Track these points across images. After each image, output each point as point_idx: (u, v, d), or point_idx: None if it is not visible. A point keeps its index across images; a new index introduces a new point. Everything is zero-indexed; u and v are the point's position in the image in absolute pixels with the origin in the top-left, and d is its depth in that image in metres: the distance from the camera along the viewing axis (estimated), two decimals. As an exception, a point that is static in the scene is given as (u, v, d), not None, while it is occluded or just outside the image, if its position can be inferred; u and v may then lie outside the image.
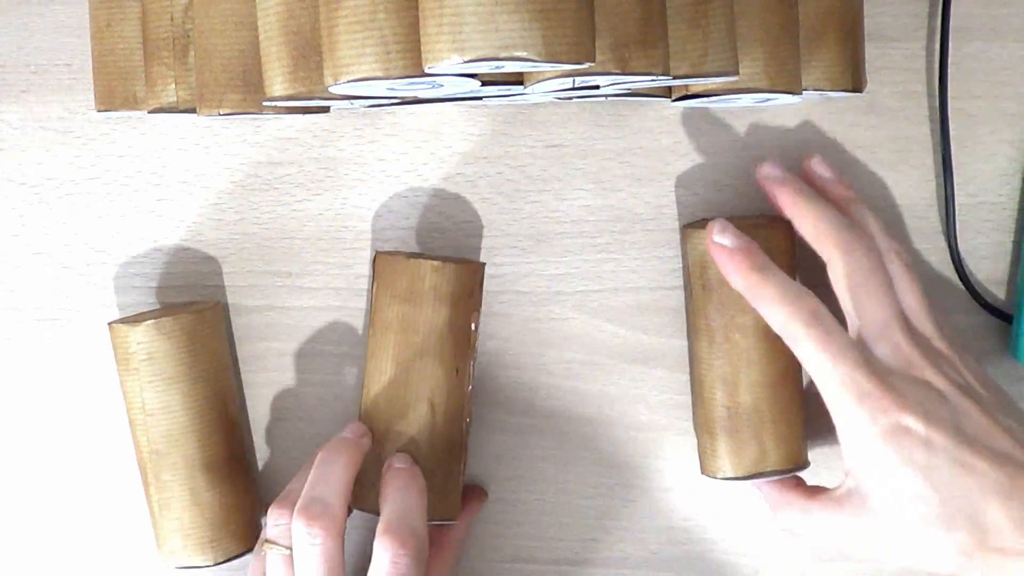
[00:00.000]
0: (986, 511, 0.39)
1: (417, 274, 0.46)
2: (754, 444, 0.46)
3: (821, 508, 0.43)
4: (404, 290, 0.46)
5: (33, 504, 0.52)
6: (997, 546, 0.39)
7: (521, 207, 0.50)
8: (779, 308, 0.42)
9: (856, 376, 0.40)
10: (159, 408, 0.46)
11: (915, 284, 0.44)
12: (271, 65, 0.41)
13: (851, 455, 0.41)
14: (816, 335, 0.41)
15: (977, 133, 0.50)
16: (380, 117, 0.50)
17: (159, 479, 0.47)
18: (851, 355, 0.40)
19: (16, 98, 0.51)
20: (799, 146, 0.50)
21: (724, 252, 0.44)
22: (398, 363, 0.46)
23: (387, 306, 0.46)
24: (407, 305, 0.46)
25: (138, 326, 0.46)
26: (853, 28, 0.46)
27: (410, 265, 0.46)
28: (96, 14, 0.47)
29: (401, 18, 0.36)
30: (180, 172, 0.51)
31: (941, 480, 0.39)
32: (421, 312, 0.46)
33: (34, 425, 0.52)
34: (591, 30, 0.35)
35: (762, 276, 0.42)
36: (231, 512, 0.48)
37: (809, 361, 0.41)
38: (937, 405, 0.40)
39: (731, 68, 0.41)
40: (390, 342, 0.46)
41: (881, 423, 0.40)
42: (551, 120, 0.50)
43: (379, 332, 0.47)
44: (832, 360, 0.40)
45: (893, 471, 0.40)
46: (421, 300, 0.46)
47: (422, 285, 0.46)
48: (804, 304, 0.41)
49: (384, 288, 0.47)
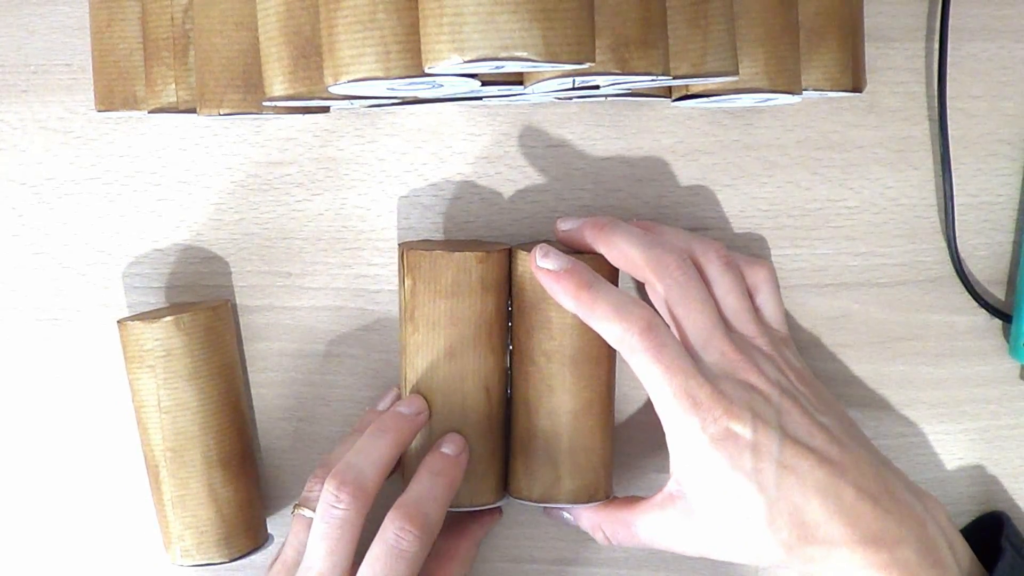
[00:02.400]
0: (807, 509, 0.40)
1: (463, 267, 0.45)
2: (548, 470, 0.46)
3: (643, 514, 0.44)
4: (450, 284, 0.45)
5: (32, 504, 0.52)
6: (815, 537, 0.40)
7: (521, 207, 0.50)
8: (613, 323, 0.42)
9: (688, 385, 0.41)
10: (175, 405, 0.46)
11: (735, 282, 0.45)
12: (271, 65, 0.41)
13: (679, 462, 0.42)
14: (650, 347, 0.41)
15: (977, 133, 0.50)
16: (380, 117, 0.50)
17: (174, 476, 0.47)
18: (683, 365, 0.41)
19: (16, 98, 0.51)
20: (799, 146, 0.50)
21: (551, 275, 0.43)
22: (452, 356, 0.45)
23: (431, 302, 0.45)
24: (454, 299, 0.45)
25: (155, 323, 0.46)
26: (853, 28, 0.46)
27: (454, 259, 0.45)
28: (96, 14, 0.47)
29: (401, 18, 0.36)
30: (180, 172, 0.51)
31: (767, 483, 0.40)
32: (470, 304, 0.45)
33: (34, 425, 0.52)
34: (591, 30, 0.35)
35: (593, 293, 0.42)
36: (245, 508, 0.48)
37: (644, 373, 0.42)
38: (763, 408, 0.41)
39: (731, 68, 0.41)
40: (440, 336, 0.45)
41: (710, 430, 0.41)
42: (551, 120, 0.50)
43: (425, 328, 0.45)
44: (666, 371, 0.41)
45: (721, 476, 0.41)
46: (469, 292, 0.45)
47: (468, 278, 0.45)
48: (637, 317, 0.41)
49: (425, 284, 0.45)
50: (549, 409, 0.45)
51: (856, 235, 0.50)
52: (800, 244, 0.50)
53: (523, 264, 0.46)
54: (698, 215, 0.50)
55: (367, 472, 0.43)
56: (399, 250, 0.46)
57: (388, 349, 0.51)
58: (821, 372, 0.51)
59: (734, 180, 0.50)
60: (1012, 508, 0.52)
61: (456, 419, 0.46)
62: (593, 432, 0.46)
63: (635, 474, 0.51)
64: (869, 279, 0.51)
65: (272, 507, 0.52)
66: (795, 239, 0.50)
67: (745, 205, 0.50)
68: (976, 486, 0.52)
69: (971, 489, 0.52)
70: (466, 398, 0.46)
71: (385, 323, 0.51)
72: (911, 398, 0.51)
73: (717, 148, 0.50)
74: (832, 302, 0.51)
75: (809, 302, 0.51)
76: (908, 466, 0.52)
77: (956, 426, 0.52)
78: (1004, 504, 0.52)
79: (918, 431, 0.52)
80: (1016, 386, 0.51)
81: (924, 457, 0.52)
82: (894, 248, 0.51)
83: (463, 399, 0.46)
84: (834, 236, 0.50)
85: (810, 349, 0.51)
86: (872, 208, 0.50)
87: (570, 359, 0.45)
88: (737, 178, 0.50)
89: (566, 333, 0.45)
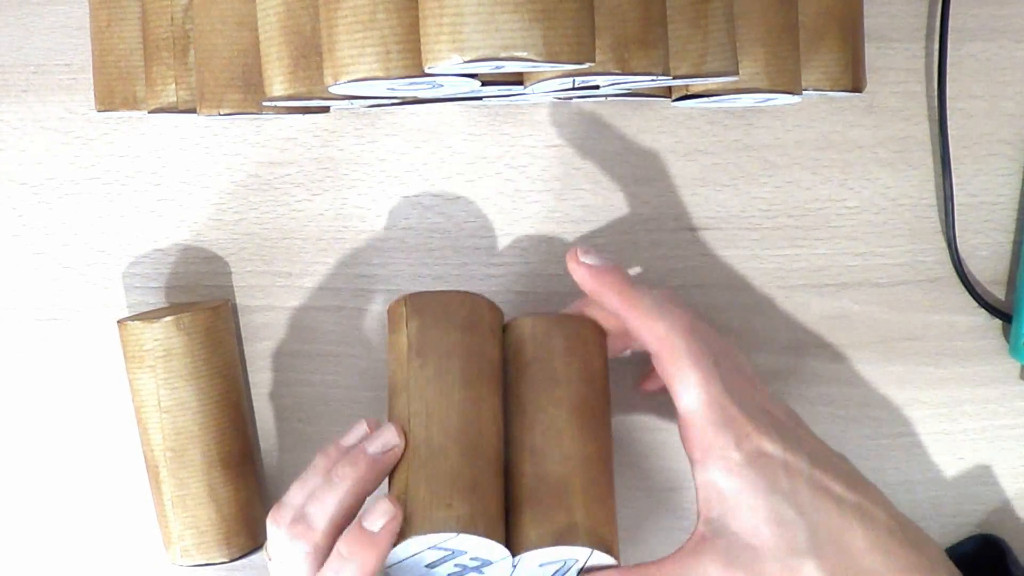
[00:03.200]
0: (849, 535, 0.38)
1: (475, 308, 0.44)
2: (562, 512, 0.41)
3: (676, 568, 0.40)
4: (464, 319, 0.44)
5: (32, 504, 0.52)
6: (861, 568, 0.38)
7: (521, 207, 0.50)
8: (657, 320, 0.41)
9: (723, 400, 0.39)
10: (175, 405, 0.46)
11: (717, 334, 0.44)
12: (271, 65, 0.41)
13: (711, 487, 0.39)
14: (692, 350, 0.40)
15: (977, 133, 0.50)
16: (380, 117, 0.50)
17: (175, 476, 0.47)
18: (718, 377, 0.40)
19: (16, 98, 0.51)
20: (799, 146, 0.50)
21: (594, 271, 0.43)
22: (468, 384, 0.43)
23: (444, 335, 0.43)
24: (469, 334, 0.43)
25: (155, 323, 0.46)
26: (853, 28, 0.46)
27: (468, 299, 0.44)
28: (96, 14, 0.47)
29: (401, 18, 0.36)
30: (180, 172, 0.51)
31: (805, 504, 0.39)
32: (483, 341, 0.44)
33: (34, 425, 0.52)
34: (591, 30, 0.35)
35: (637, 290, 0.42)
36: (245, 508, 0.48)
37: (679, 377, 0.40)
38: (786, 432, 0.40)
39: (731, 68, 0.41)
40: (454, 366, 0.43)
41: (745, 448, 0.39)
42: (551, 120, 0.50)
43: (436, 359, 0.43)
44: (703, 379, 0.40)
45: (760, 499, 0.38)
46: (482, 330, 0.44)
47: (482, 318, 0.44)
48: (680, 315, 0.41)
49: (436, 320, 0.44)
50: (560, 455, 0.43)
51: (856, 235, 0.50)
52: (800, 244, 0.50)
53: (519, 328, 0.45)
54: (698, 215, 0.50)
55: (318, 526, 0.39)
56: (392, 307, 0.44)
57: (388, 349, 0.51)
58: (821, 372, 0.51)
59: (734, 180, 0.50)
60: (1013, 509, 0.52)
61: (472, 450, 0.42)
62: (601, 483, 0.43)
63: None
64: (869, 279, 0.51)
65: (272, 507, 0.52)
66: (795, 239, 0.50)
67: (745, 205, 0.50)
68: (976, 486, 0.52)
69: (971, 489, 0.52)
70: (481, 428, 0.42)
71: (385, 323, 0.51)
72: (911, 398, 0.51)
73: (717, 148, 0.50)
74: (832, 302, 0.51)
75: (809, 302, 0.51)
76: (908, 466, 0.52)
77: (956, 426, 0.51)
78: (1005, 504, 0.52)
79: (918, 431, 0.52)
80: (1016, 386, 0.51)
81: (924, 457, 0.52)
82: (894, 248, 0.51)
83: (479, 429, 0.42)
84: (834, 236, 0.50)
85: (810, 349, 0.51)
86: (872, 208, 0.50)
87: (577, 407, 0.43)
88: (737, 178, 0.50)
89: (572, 383, 0.44)
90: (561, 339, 0.44)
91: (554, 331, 0.45)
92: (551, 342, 0.45)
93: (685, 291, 0.51)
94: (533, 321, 0.45)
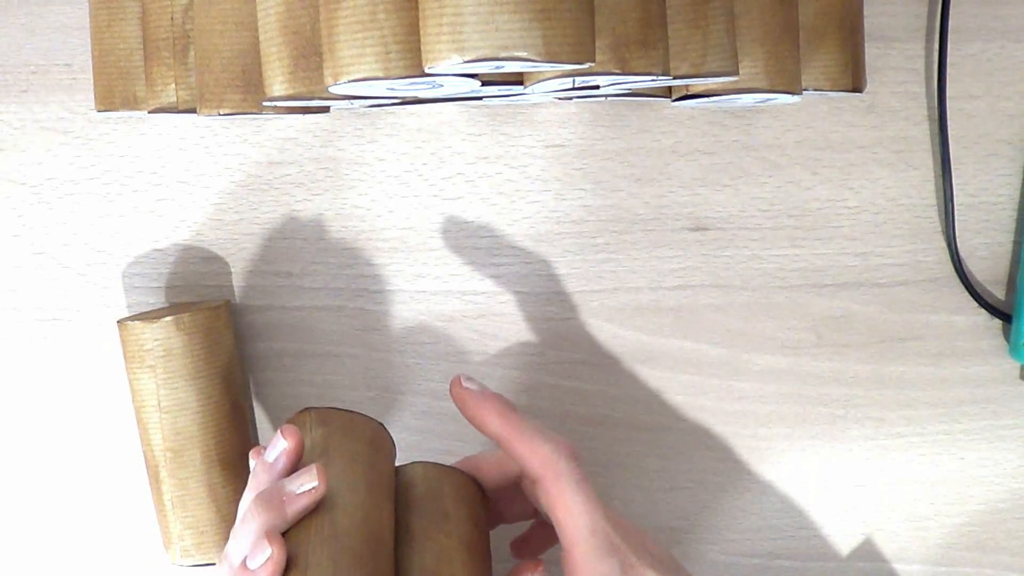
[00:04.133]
0: None
1: (378, 432, 0.44)
2: None
3: None
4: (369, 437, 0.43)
5: (32, 504, 0.52)
6: None
7: (521, 207, 0.50)
8: (541, 444, 0.41)
9: (607, 528, 0.40)
10: (175, 405, 0.46)
11: None
12: (271, 65, 0.41)
13: None
14: (576, 474, 0.40)
15: (977, 133, 0.50)
16: (380, 117, 0.50)
17: (174, 476, 0.47)
18: (601, 505, 0.40)
19: (16, 98, 0.51)
20: (799, 146, 0.50)
21: (476, 396, 0.43)
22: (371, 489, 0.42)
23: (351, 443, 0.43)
24: (370, 448, 0.43)
25: (155, 323, 0.46)
26: (853, 28, 0.46)
27: (371, 424, 0.44)
28: (96, 14, 0.47)
29: (401, 18, 0.36)
30: (180, 172, 0.51)
31: None
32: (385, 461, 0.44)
33: (34, 425, 0.52)
34: (591, 30, 0.35)
35: (519, 417, 0.42)
36: None
37: (564, 501, 0.40)
38: (666, 568, 0.41)
39: (731, 68, 0.41)
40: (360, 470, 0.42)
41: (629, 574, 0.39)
42: (551, 120, 0.50)
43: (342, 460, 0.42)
44: (587, 502, 0.40)
45: None
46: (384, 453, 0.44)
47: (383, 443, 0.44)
48: (563, 442, 0.41)
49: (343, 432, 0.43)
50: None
51: (856, 235, 0.50)
52: (800, 244, 0.51)
53: (410, 472, 0.44)
54: (698, 215, 0.50)
55: (235, 563, 0.38)
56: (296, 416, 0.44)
57: (388, 349, 0.51)
58: (821, 372, 0.51)
59: (734, 180, 0.50)
60: (1012, 509, 0.52)
61: (375, 542, 0.40)
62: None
63: None
64: (869, 279, 0.51)
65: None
66: (795, 239, 0.50)
67: (745, 205, 0.50)
68: (976, 486, 0.52)
69: (971, 489, 0.52)
70: (382, 530, 0.41)
71: (385, 323, 0.51)
72: (911, 398, 0.51)
73: (717, 148, 0.50)
74: (832, 302, 0.51)
75: (809, 302, 0.51)
76: (908, 466, 0.52)
77: (956, 426, 0.52)
78: (1005, 504, 0.52)
79: (918, 431, 0.52)
80: (1016, 386, 0.51)
81: (924, 457, 0.52)
82: (894, 248, 0.51)
83: (380, 529, 0.41)
84: (834, 236, 0.50)
85: (810, 349, 0.51)
86: (872, 208, 0.50)
87: (466, 544, 0.43)
88: (737, 178, 0.50)
89: (462, 523, 0.43)
90: (451, 486, 0.44)
91: (444, 478, 0.44)
92: (441, 486, 0.44)
93: (685, 291, 0.51)
94: (424, 467, 0.45)
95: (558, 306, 0.51)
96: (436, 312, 0.51)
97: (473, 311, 0.51)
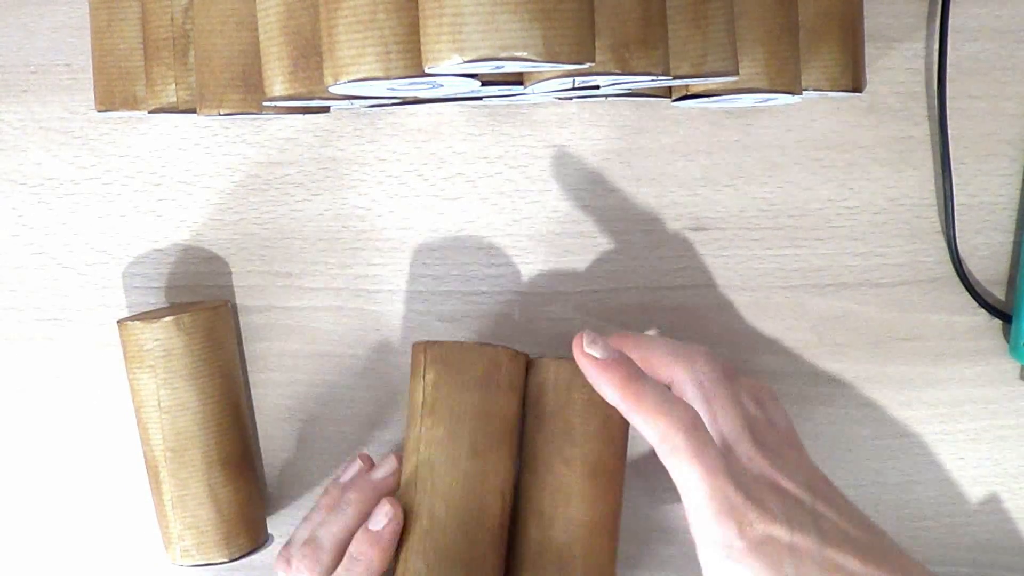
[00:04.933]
0: None
1: (494, 362, 0.44)
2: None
3: None
4: (480, 377, 0.43)
5: (32, 504, 0.52)
6: None
7: (521, 207, 0.50)
8: (658, 419, 0.40)
9: (726, 489, 0.39)
10: (175, 405, 0.46)
11: (751, 391, 0.44)
12: (271, 65, 0.41)
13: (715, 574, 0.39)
14: (692, 447, 0.40)
15: (977, 133, 0.50)
16: (380, 117, 0.50)
17: (175, 476, 0.47)
18: (721, 467, 0.40)
19: (16, 98, 0.51)
20: (799, 146, 0.50)
21: (597, 364, 0.41)
22: (475, 454, 0.43)
23: (457, 394, 0.43)
24: (484, 392, 0.43)
25: (155, 323, 0.46)
26: (853, 28, 0.46)
27: (486, 353, 0.44)
28: (96, 14, 0.47)
29: (401, 18, 0.36)
30: (180, 172, 0.51)
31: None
32: (498, 400, 0.44)
33: (34, 425, 0.52)
34: (591, 30, 0.35)
35: (639, 387, 0.41)
36: (245, 508, 0.48)
37: (681, 473, 0.40)
38: (797, 511, 0.40)
39: (731, 68, 0.41)
40: (465, 431, 0.43)
41: (748, 536, 0.39)
42: (551, 120, 0.50)
43: (448, 421, 0.43)
44: (705, 473, 0.39)
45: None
46: (498, 388, 0.44)
47: (498, 373, 0.44)
48: (681, 415, 0.40)
49: (451, 376, 0.44)
50: (565, 520, 0.43)
51: (856, 235, 0.50)
52: (800, 244, 0.51)
53: (542, 372, 0.45)
54: (698, 215, 0.50)
55: (326, 546, 0.44)
56: (414, 349, 0.45)
57: (388, 349, 0.51)
58: (821, 372, 0.51)
59: (734, 180, 0.50)
60: (1012, 509, 0.52)
61: (473, 524, 0.43)
62: (606, 547, 0.44)
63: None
64: (869, 279, 0.51)
65: (272, 507, 0.52)
66: (795, 239, 0.50)
67: (745, 205, 0.50)
68: (976, 486, 0.52)
69: (971, 489, 0.52)
70: (484, 500, 0.43)
71: (385, 323, 0.51)
72: (911, 398, 0.51)
73: (717, 148, 0.50)
74: (832, 302, 0.51)
75: (809, 302, 0.51)
76: (908, 466, 0.52)
77: (956, 426, 0.52)
78: (1005, 504, 0.52)
79: (918, 431, 0.52)
80: (1016, 386, 0.51)
81: (924, 457, 0.52)
82: (894, 248, 0.51)
83: (481, 501, 0.43)
84: (834, 236, 0.50)
85: (810, 349, 0.51)
86: (872, 208, 0.50)
87: (590, 468, 0.43)
88: (737, 178, 0.50)
89: (588, 441, 0.44)
90: (582, 391, 0.44)
91: (575, 382, 0.44)
92: (571, 394, 0.44)
93: (685, 291, 0.51)
94: (556, 368, 0.45)
95: (558, 306, 0.51)
96: (436, 312, 0.51)
97: (473, 311, 0.51)
